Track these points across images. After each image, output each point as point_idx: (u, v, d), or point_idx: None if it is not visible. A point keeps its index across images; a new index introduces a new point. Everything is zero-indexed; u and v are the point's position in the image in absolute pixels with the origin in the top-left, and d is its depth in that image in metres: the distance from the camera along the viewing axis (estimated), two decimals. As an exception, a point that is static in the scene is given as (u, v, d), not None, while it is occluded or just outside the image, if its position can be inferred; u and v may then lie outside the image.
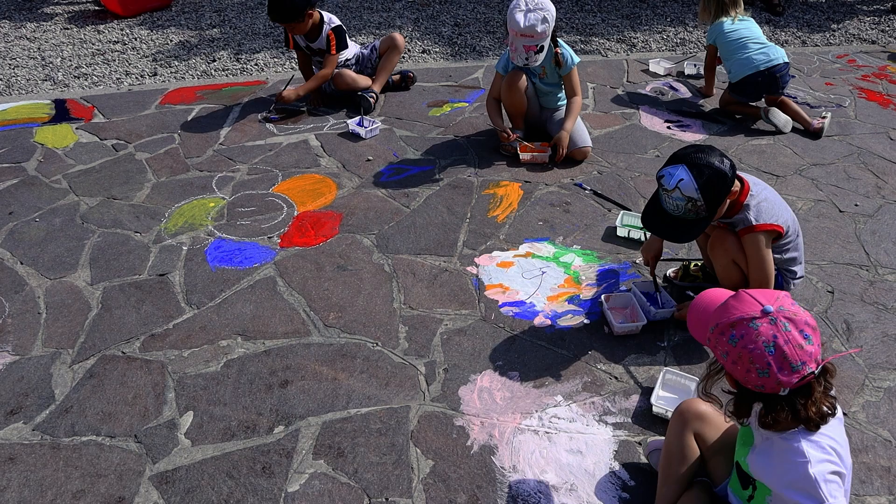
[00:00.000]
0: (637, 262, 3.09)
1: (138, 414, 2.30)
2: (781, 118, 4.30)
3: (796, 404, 1.56)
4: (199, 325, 2.68)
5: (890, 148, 4.20)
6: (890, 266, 3.13)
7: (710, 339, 1.65)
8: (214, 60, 5.40)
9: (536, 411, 2.35)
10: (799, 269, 2.60)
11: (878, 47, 6.03)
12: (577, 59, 3.79)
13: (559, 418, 2.33)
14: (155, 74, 5.13)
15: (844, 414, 2.23)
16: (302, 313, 2.75)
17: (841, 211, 3.55)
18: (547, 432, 2.28)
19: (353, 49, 4.58)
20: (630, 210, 3.41)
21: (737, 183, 2.37)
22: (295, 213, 3.39)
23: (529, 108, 3.92)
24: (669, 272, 3.00)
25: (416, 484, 2.09)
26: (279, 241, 3.19)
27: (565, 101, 3.94)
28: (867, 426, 2.32)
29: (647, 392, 2.43)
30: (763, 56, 4.18)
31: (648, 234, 3.15)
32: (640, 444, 2.24)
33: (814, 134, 4.28)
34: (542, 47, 3.57)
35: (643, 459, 2.19)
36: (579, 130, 3.86)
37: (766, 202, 2.42)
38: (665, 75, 5.18)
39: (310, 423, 2.28)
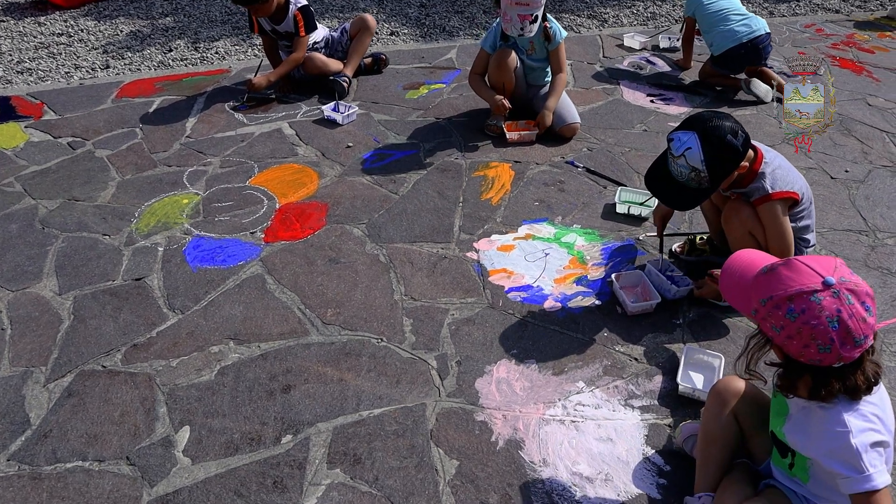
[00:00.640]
0: (641, 238, 2.98)
1: (128, 433, 2.09)
2: (762, 88, 4.26)
3: (847, 375, 1.47)
4: (186, 331, 2.46)
5: (870, 114, 4.21)
6: (888, 230, 3.10)
7: (757, 311, 1.53)
8: (171, 50, 5.08)
9: (559, 400, 2.22)
10: (812, 238, 2.53)
11: (842, 16, 6.09)
12: (564, 33, 3.67)
13: (584, 405, 2.21)
14: (107, 67, 4.79)
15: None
16: (297, 312, 2.56)
17: (832, 178, 3.51)
18: (573, 421, 2.15)
19: (321, 32, 4.35)
20: (626, 185, 3.31)
21: (749, 152, 2.28)
22: (277, 206, 3.17)
23: (516, 87, 3.77)
24: (675, 247, 2.90)
25: (442, 487, 1.94)
26: (263, 236, 2.97)
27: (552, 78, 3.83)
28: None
29: (669, 372, 2.33)
30: (745, 28, 4.12)
31: (654, 205, 3.07)
32: (669, 426, 2.14)
33: (792, 101, 4.25)
34: (537, 17, 3.43)
35: (675, 442, 2.08)
36: (567, 107, 3.74)
37: (781, 169, 2.34)
38: (640, 49, 5.10)
39: (319, 430, 2.10)
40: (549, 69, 3.82)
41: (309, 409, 2.17)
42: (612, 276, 2.65)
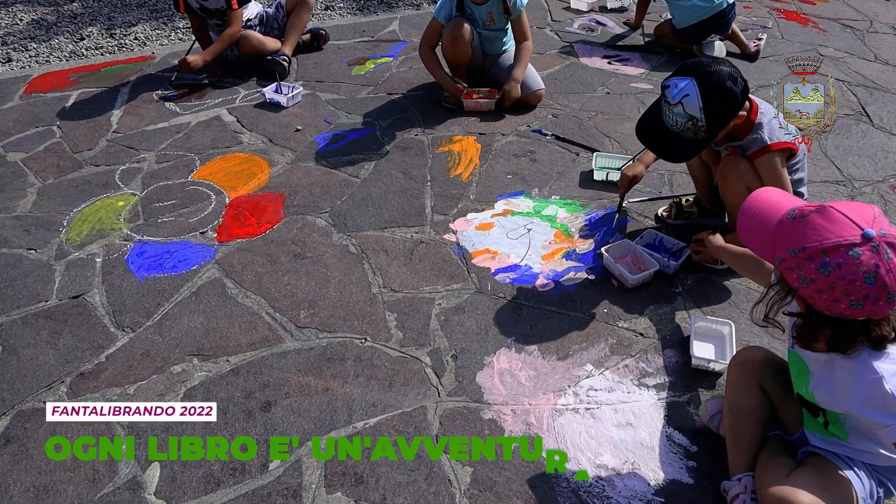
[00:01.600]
0: (624, 205, 2.83)
1: (85, 480, 1.78)
2: (715, 46, 4.17)
3: (872, 327, 1.38)
4: (140, 351, 2.15)
5: (823, 64, 4.18)
6: (863, 178, 3.06)
7: (783, 261, 1.39)
8: (83, 38, 4.59)
9: (569, 386, 2.05)
10: (805, 191, 2.43)
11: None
12: (525, 0, 3.44)
13: (596, 390, 2.04)
14: (9, 61, 4.27)
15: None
16: (266, 317, 2.28)
17: (800, 129, 3.45)
18: (588, 408, 1.98)
19: (255, 8, 3.98)
20: (599, 151, 3.15)
21: (745, 104, 2.14)
22: (226, 201, 2.86)
23: (472, 57, 3.53)
24: (660, 211, 2.76)
25: (459, 499, 1.73)
26: (216, 235, 2.66)
27: (510, 45, 3.61)
28: None
29: (678, 344, 2.19)
30: (708, 2, 3.96)
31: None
32: (688, 403, 2.00)
33: (750, 57, 4.19)
34: None
35: (700, 420, 1.94)
36: (530, 73, 3.53)
37: (776, 119, 2.22)
38: (588, 11, 4.94)
39: (310, 449, 1.86)
40: (506, 38, 3.60)
41: (295, 426, 1.91)
42: (602, 249, 2.49)
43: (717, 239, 2.12)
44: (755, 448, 1.71)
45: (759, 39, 4.24)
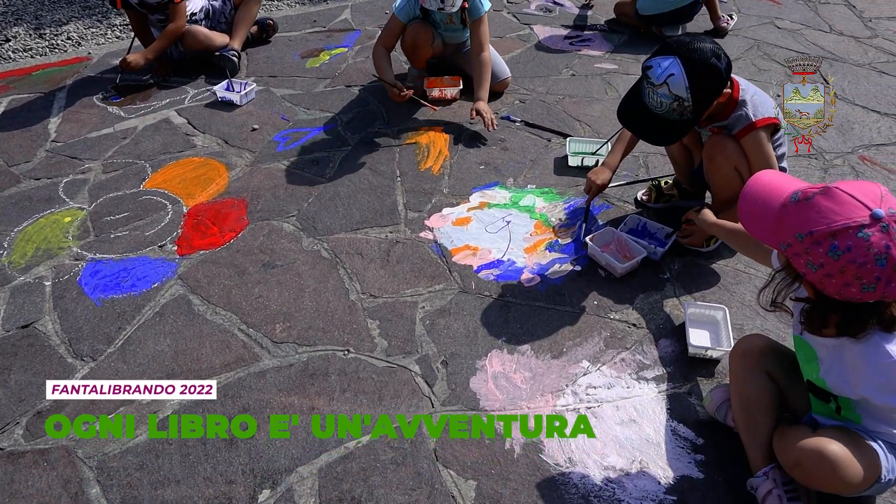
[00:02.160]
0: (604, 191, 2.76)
1: (53, 531, 1.62)
2: (678, 29, 4.13)
3: (882, 309, 1.34)
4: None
5: (782, 36, 4.20)
6: (833, 151, 3.06)
7: (790, 246, 1.33)
8: (8, 40, 4.26)
9: (567, 386, 1.97)
10: (786, 165, 2.40)
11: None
12: (488, 3, 3.20)
13: (594, 387, 1.96)
14: (-71, 68, 3.93)
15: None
16: (239, 334, 2.13)
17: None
18: (589, 408, 1.91)
19: (198, 1, 3.74)
20: (571, 136, 3.07)
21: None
22: (184, 210, 2.67)
23: (433, 49, 3.38)
24: (640, 195, 2.70)
25: (465, 517, 1.64)
26: (176, 248, 2.48)
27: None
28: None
29: (672, 333, 2.13)
30: None
31: (604, 157, 2.85)
32: (689, 394, 1.94)
33: (716, 32, 4.16)
34: None
35: (700, 410, 1.89)
36: (497, 62, 3.40)
37: (758, 95, 2.16)
38: (544, -8, 4.85)
39: (302, 476, 1.72)
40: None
41: (282, 452, 1.78)
42: (587, 239, 2.40)
43: (708, 215, 2.05)
44: (771, 438, 1.66)
45: (731, 17, 4.22)
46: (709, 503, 1.66)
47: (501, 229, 2.58)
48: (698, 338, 2.07)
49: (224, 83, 3.44)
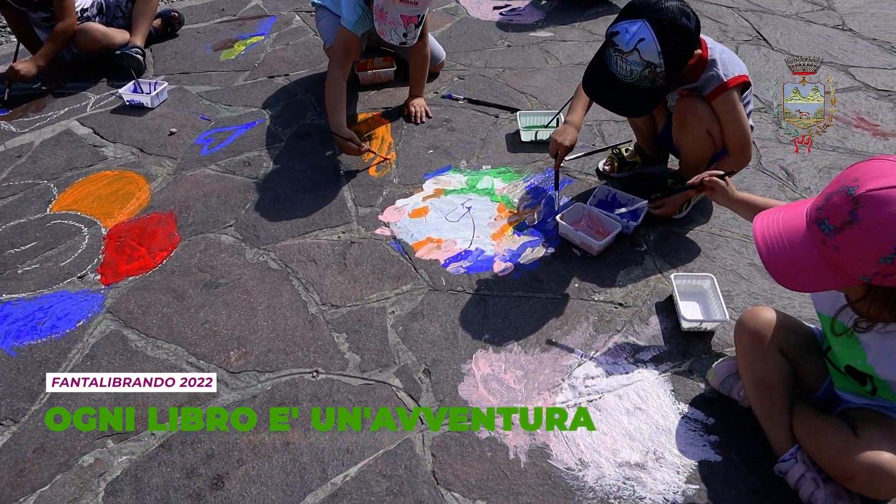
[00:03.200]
0: (562, 164, 2.61)
1: None
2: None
3: None
4: (32, 447, 1.67)
5: (707, -11, 4.17)
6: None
7: (877, 273, 1.11)
8: None
9: (563, 380, 1.81)
10: (752, 123, 2.32)
11: None
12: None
13: (592, 378, 1.82)
14: None
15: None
16: (188, 368, 1.86)
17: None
18: (590, 400, 1.76)
19: (87, -6, 3.33)
20: (519, 109, 2.90)
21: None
22: (103, 232, 2.34)
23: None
24: (601, 166, 2.57)
25: (479, 544, 1.47)
26: (99, 277, 2.16)
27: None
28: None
29: (661, 309, 2.01)
30: None
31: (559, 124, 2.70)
32: (690, 371, 1.83)
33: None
34: (423, 18, 2.60)
35: (704, 388, 1.78)
36: (432, 45, 3.17)
37: (725, 52, 2.06)
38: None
39: (287, 526, 1.50)
40: None
41: (260, 499, 1.54)
42: (557, 217, 2.25)
43: (733, 189, 1.80)
44: (789, 415, 1.56)
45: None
46: (732, 488, 1.56)
47: (463, 216, 2.39)
48: (690, 311, 1.96)
49: (130, 85, 3.07)
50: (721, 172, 1.81)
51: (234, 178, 2.60)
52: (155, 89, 3.05)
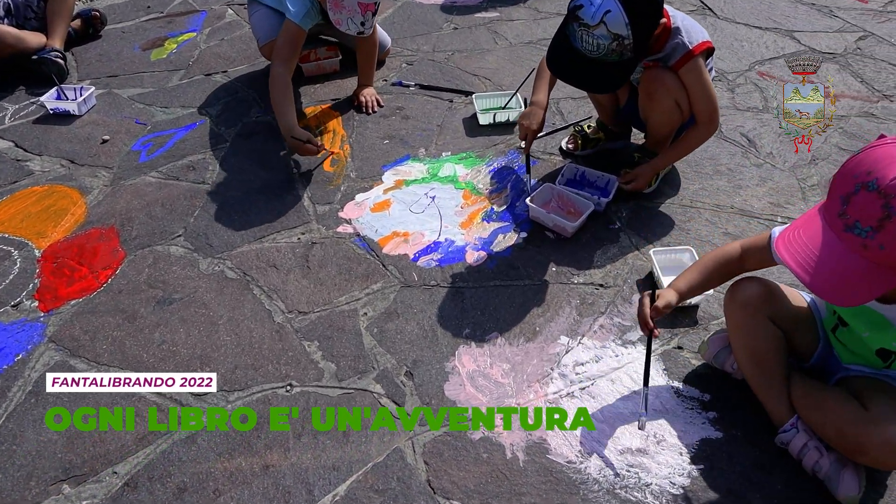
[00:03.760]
0: (523, 145, 2.53)
1: None
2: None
3: None
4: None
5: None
6: (733, 71, 3.01)
7: None
8: None
9: (553, 369, 1.74)
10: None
11: None
12: None
13: (582, 364, 1.75)
14: None
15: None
16: (148, 395, 1.70)
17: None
18: (583, 388, 1.69)
19: (-8, -6, 3.05)
20: (474, 92, 2.80)
21: None
22: (37, 254, 2.13)
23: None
24: (565, 145, 2.50)
25: (486, 553, 1.37)
26: (37, 303, 1.96)
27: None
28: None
29: (642, 286, 1.96)
30: None
31: (518, 106, 2.62)
32: (679, 348, 1.78)
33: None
34: (379, 4, 2.49)
35: (695, 364, 1.74)
36: (379, 35, 3.03)
37: (687, 19, 2.01)
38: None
39: (276, 557, 1.38)
40: None
41: (243, 532, 1.42)
42: (526, 200, 2.17)
43: (671, 295, 1.56)
44: (787, 385, 1.53)
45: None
46: (737, 464, 1.51)
47: (427, 207, 2.28)
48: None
49: (53, 92, 2.83)
50: (657, 306, 1.54)
51: (178, 185, 2.41)
52: (81, 95, 2.81)
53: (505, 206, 2.27)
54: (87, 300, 1.96)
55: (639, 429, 1.55)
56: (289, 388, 1.71)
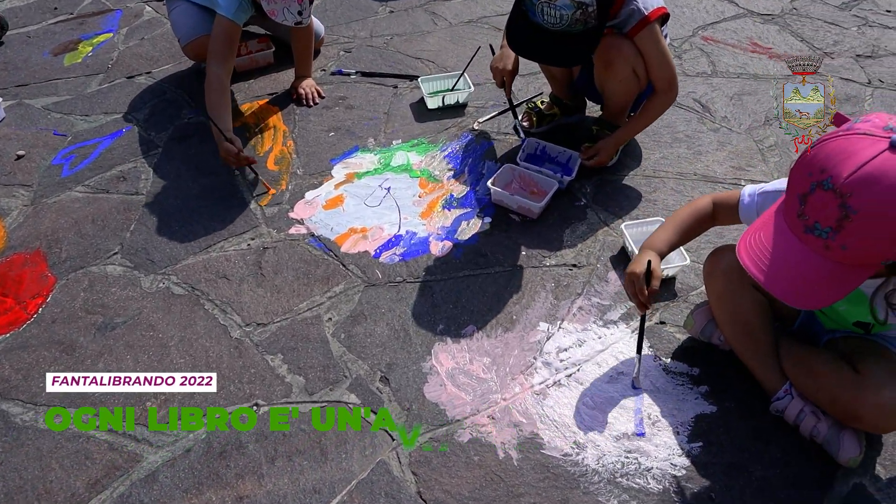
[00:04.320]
0: (476, 127, 2.43)
1: None
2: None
3: None
4: None
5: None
6: (676, 37, 2.97)
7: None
8: None
9: (536, 358, 1.65)
10: (668, 54, 2.23)
11: None
12: None
13: (565, 350, 1.67)
14: None
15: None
16: (96, 433, 1.53)
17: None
18: (569, 375, 1.61)
19: None
20: (419, 76, 2.68)
21: None
22: (-48, 288, 1.91)
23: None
24: (519, 123, 2.40)
25: (490, 564, 1.28)
26: (-42, 343, 1.75)
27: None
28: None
29: (617, 262, 1.89)
30: None
31: (465, 87, 2.52)
32: (662, 323, 1.72)
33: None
34: None
35: (679, 338, 1.68)
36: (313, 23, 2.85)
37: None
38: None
39: None
40: None
41: (221, 575, 1.28)
42: (488, 183, 2.07)
43: (656, 263, 1.48)
44: (776, 352, 1.48)
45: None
46: (734, 436, 1.47)
47: (383, 199, 2.16)
48: (647, 256, 1.86)
49: (-46, 107, 2.56)
50: (654, 289, 1.46)
51: (109, 198, 2.21)
52: (-13, 108, 2.55)
53: (465, 192, 2.16)
54: (15, 335, 1.76)
55: (633, 387, 1.50)
56: (255, 408, 1.57)
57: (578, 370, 1.62)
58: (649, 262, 1.42)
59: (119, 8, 3.44)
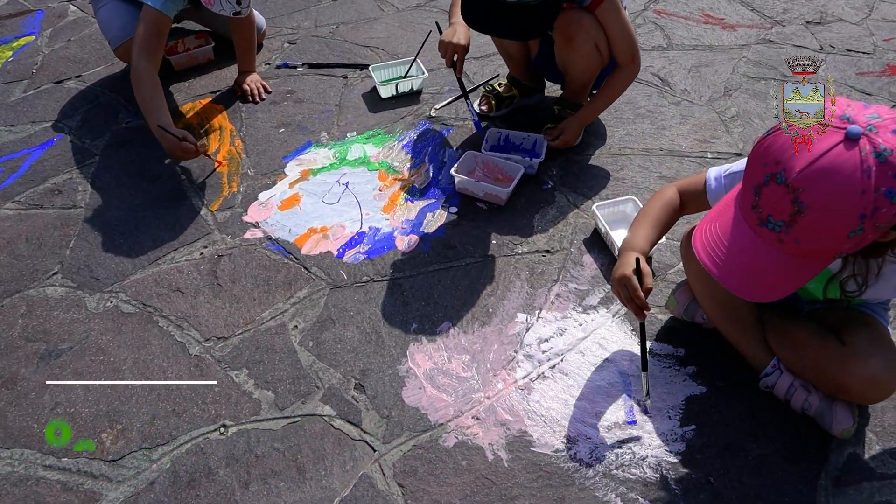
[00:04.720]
0: (433, 115, 2.34)
1: None
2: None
3: None
4: None
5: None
6: (632, 11, 2.92)
7: (858, 233, 0.94)
8: None
9: (517, 352, 1.58)
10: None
11: None
12: None
13: (546, 340, 1.60)
14: None
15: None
16: (47, 474, 1.39)
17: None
18: (553, 367, 1.55)
19: None
20: (369, 65, 2.56)
21: None
22: None
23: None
24: (477, 107, 2.32)
25: (489, 576, 1.21)
26: None
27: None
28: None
29: (591, 245, 1.83)
30: None
31: (419, 73, 2.43)
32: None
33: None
34: None
35: (661, 318, 1.64)
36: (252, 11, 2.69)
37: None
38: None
39: None
40: None
41: None
42: (451, 171, 1.98)
43: (644, 263, 1.40)
44: (761, 328, 1.45)
45: None
46: (727, 416, 1.43)
47: (342, 195, 2.05)
48: (620, 238, 1.80)
49: None
50: (649, 287, 1.36)
51: (43, 214, 2.04)
52: None
53: (427, 182, 2.07)
54: (-52, 371, 1.60)
55: (644, 413, 1.44)
56: (223, 429, 1.45)
57: (562, 360, 1.56)
58: (638, 260, 1.35)
59: (40, 8, 3.21)
